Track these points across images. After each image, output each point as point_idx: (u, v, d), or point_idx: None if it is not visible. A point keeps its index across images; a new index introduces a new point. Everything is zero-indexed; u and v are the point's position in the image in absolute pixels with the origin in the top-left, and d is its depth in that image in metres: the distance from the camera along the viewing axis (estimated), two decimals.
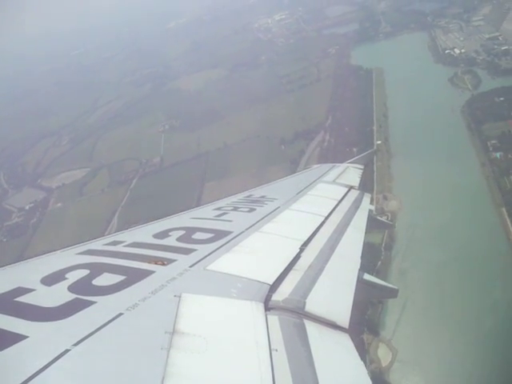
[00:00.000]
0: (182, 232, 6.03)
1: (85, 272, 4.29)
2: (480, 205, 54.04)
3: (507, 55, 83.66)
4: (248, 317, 3.61)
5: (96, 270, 4.36)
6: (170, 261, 4.71)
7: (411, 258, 50.33)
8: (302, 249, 5.42)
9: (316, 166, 15.18)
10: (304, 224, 6.72)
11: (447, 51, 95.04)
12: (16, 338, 2.89)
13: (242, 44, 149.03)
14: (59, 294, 3.71)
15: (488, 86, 77.08)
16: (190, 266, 4.57)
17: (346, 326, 3.89)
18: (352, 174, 11.62)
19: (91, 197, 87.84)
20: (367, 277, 5.98)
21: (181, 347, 2.97)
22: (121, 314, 3.30)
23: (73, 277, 4.15)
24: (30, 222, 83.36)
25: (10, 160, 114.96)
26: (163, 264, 4.58)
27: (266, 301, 3.95)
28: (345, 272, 5.21)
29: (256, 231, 6.06)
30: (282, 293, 4.23)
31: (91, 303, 3.51)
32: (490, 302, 41.93)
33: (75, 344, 2.83)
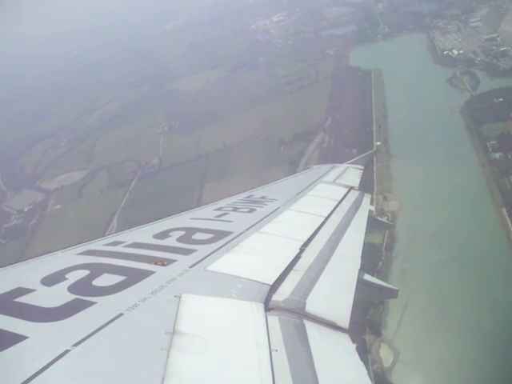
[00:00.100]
0: (182, 232, 6.01)
1: (85, 272, 4.29)
2: (480, 205, 54.22)
3: (505, 56, 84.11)
4: (248, 317, 3.62)
5: (96, 270, 4.36)
6: (170, 261, 4.71)
7: (412, 259, 50.44)
8: (302, 249, 5.42)
9: (316, 166, 15.15)
10: (304, 224, 6.71)
11: (445, 52, 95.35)
12: (16, 339, 2.89)
13: (240, 45, 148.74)
14: (59, 295, 3.71)
15: (487, 86, 77.34)
16: (190, 267, 4.56)
17: (346, 327, 3.90)
18: (352, 174, 11.60)
19: (90, 198, 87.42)
20: (367, 277, 5.99)
21: (181, 347, 2.98)
22: (121, 315, 3.30)
23: (73, 277, 4.15)
24: (29, 224, 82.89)
25: (8, 161, 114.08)
26: (163, 264, 4.58)
27: (266, 301, 3.95)
28: (345, 272, 5.21)
29: (256, 232, 6.05)
30: (282, 293, 4.22)
31: (91, 304, 3.52)
32: (491, 302, 42.10)
33: (75, 344, 2.84)
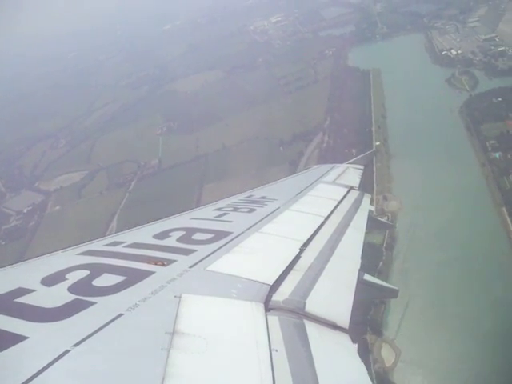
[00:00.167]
0: (182, 233, 6.01)
1: (85, 273, 4.30)
2: (480, 204, 54.26)
3: (504, 56, 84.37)
4: (248, 317, 3.63)
5: (96, 270, 4.37)
6: (170, 261, 4.71)
7: (412, 258, 50.41)
8: (302, 249, 5.43)
9: (316, 166, 15.16)
10: (304, 224, 6.71)
11: (444, 52, 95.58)
12: (16, 339, 2.90)
13: (238, 46, 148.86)
14: (59, 295, 3.72)
15: (485, 86, 77.51)
16: (190, 267, 4.57)
17: (346, 327, 3.91)
18: (352, 174, 11.60)
19: (90, 199, 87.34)
20: (367, 277, 5.99)
21: (181, 347, 2.99)
22: (121, 315, 3.31)
23: (73, 277, 4.15)
24: (29, 225, 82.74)
25: (6, 163, 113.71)
26: (163, 265, 4.59)
27: (266, 301, 3.96)
28: (345, 272, 5.22)
29: (256, 232, 6.05)
30: (282, 293, 4.23)
31: (91, 304, 3.52)
32: (491, 302, 42.07)
33: (75, 345, 2.85)
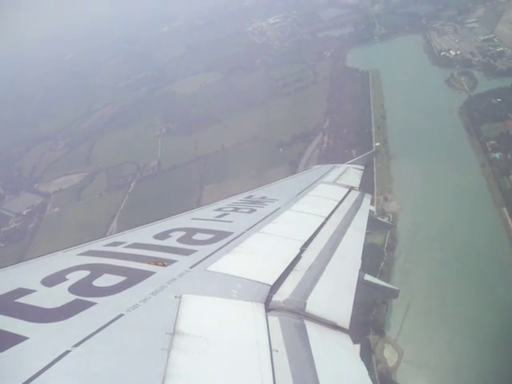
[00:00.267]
0: (183, 233, 5.98)
1: (85, 273, 4.27)
2: (481, 205, 54.46)
3: (502, 57, 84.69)
4: (249, 317, 3.62)
5: (96, 270, 4.35)
6: (171, 262, 4.69)
7: (414, 259, 50.50)
8: (302, 249, 5.40)
9: (316, 166, 15.17)
10: (304, 225, 6.69)
11: (443, 53, 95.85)
12: (16, 339, 2.89)
13: (236, 47, 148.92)
14: (60, 295, 3.70)
15: (484, 87, 77.72)
16: (191, 267, 4.55)
17: (347, 327, 3.90)
18: (352, 174, 11.60)
19: (89, 201, 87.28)
20: (368, 277, 5.99)
21: (181, 348, 2.98)
22: (121, 315, 3.30)
23: (73, 278, 4.13)
24: (28, 228, 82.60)
25: (5, 164, 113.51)
26: (163, 265, 4.57)
27: (267, 301, 3.95)
28: (345, 273, 5.20)
29: (256, 232, 6.03)
30: (283, 293, 4.21)
31: (92, 304, 3.51)
32: (493, 301, 42.21)
33: (76, 345, 2.83)
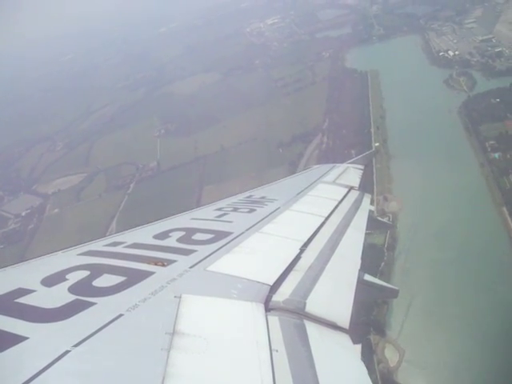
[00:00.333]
0: (182, 233, 5.97)
1: (85, 273, 4.26)
2: (480, 204, 54.53)
3: (501, 57, 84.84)
4: (248, 317, 3.62)
5: (96, 271, 4.34)
6: (170, 262, 4.67)
7: (414, 259, 50.53)
8: (302, 249, 5.39)
9: (316, 166, 15.20)
10: (304, 225, 6.68)
11: (441, 53, 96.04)
12: (16, 339, 2.88)
13: (235, 48, 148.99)
14: (59, 295, 3.69)
15: (483, 87, 77.85)
16: (190, 267, 4.54)
17: (347, 327, 3.90)
18: (352, 174, 11.59)
19: (88, 202, 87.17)
20: (367, 277, 5.97)
21: (181, 348, 2.98)
22: (121, 315, 3.30)
23: (73, 278, 4.12)
24: (27, 229, 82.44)
25: (4, 166, 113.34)
26: (163, 265, 4.56)
27: (267, 301, 3.95)
28: (345, 273, 5.20)
29: (256, 232, 6.02)
30: (283, 293, 4.21)
31: (91, 304, 3.50)
32: (494, 301, 42.23)
33: (75, 345, 2.83)
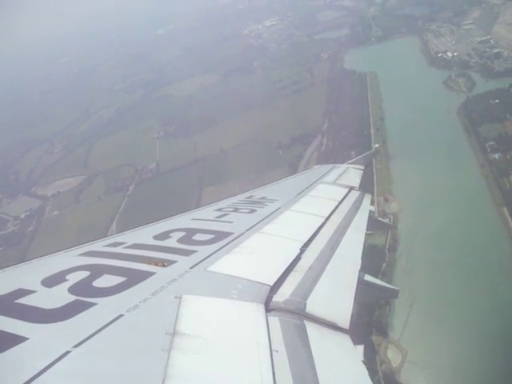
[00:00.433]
0: (183, 233, 5.95)
1: (85, 273, 4.25)
2: (481, 205, 54.65)
3: (499, 58, 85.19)
4: (249, 318, 3.62)
5: (96, 271, 4.34)
6: (171, 262, 4.67)
7: (415, 259, 50.57)
8: (302, 250, 5.40)
9: (316, 166, 15.16)
10: (304, 225, 6.68)
11: (440, 55, 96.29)
12: (16, 340, 2.87)
13: (233, 49, 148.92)
14: (60, 296, 3.68)
15: (482, 88, 78.15)
16: (191, 268, 4.53)
17: (347, 327, 3.90)
18: (352, 174, 11.61)
19: (88, 204, 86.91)
20: (368, 278, 5.98)
21: (181, 348, 2.98)
22: (121, 316, 3.29)
23: (73, 278, 4.11)
24: (27, 231, 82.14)
25: (2, 168, 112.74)
26: (163, 265, 4.56)
27: (267, 302, 3.95)
28: (345, 273, 5.20)
29: (257, 232, 6.02)
30: (283, 294, 4.21)
31: (92, 305, 3.49)
32: (496, 301, 42.31)
33: (76, 345, 2.82)
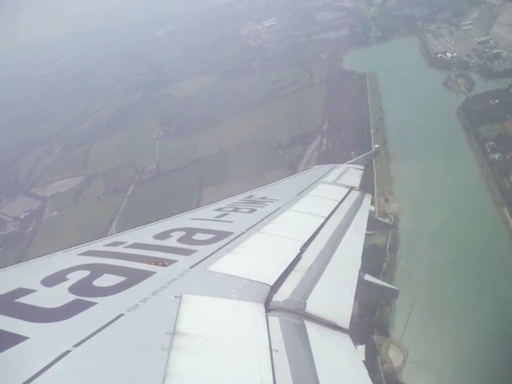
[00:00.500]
0: (183, 233, 5.99)
1: (85, 273, 4.26)
2: (481, 205, 54.68)
3: (499, 58, 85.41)
4: (249, 318, 3.63)
5: (96, 270, 4.34)
6: (171, 262, 4.69)
7: (416, 259, 50.56)
8: (302, 250, 5.43)
9: (317, 166, 15.21)
10: (305, 225, 6.70)
11: (439, 55, 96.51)
12: (16, 339, 2.88)
13: (232, 50, 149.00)
14: (60, 295, 3.69)
15: (482, 88, 78.28)
16: (191, 267, 4.54)
17: (347, 327, 3.91)
18: (353, 174, 11.64)
19: (87, 205, 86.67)
20: (368, 278, 5.99)
21: (181, 348, 2.99)
22: (121, 315, 3.30)
23: (73, 278, 4.12)
24: (26, 232, 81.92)
25: (1, 168, 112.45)
26: (164, 265, 4.57)
27: (267, 302, 3.96)
28: (345, 273, 5.22)
29: (257, 232, 6.04)
30: (283, 294, 4.23)
31: (92, 304, 3.51)
32: (496, 301, 42.31)
33: (76, 345, 2.83)
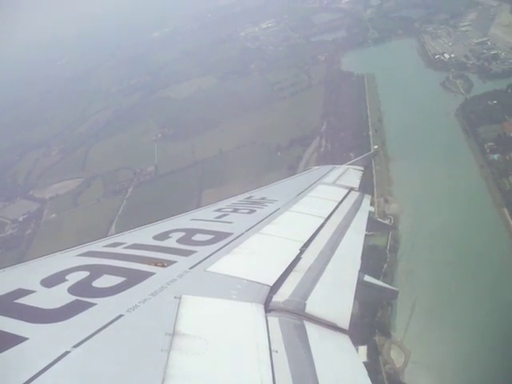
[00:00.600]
0: (182, 233, 6.00)
1: (85, 274, 4.27)
2: (481, 206, 54.79)
3: (497, 59, 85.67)
4: (248, 318, 3.63)
5: (96, 271, 4.35)
6: (170, 262, 4.70)
7: (417, 260, 50.64)
8: (302, 250, 5.45)
9: (316, 167, 15.28)
10: (304, 225, 6.74)
11: (437, 56, 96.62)
12: (16, 340, 2.88)
13: (230, 52, 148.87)
14: (59, 296, 3.69)
15: (480, 89, 78.41)
16: (190, 268, 4.55)
17: (347, 328, 3.92)
18: (352, 175, 11.68)
19: (86, 207, 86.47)
20: (367, 278, 6.02)
21: (181, 349, 3.00)
22: (121, 316, 3.31)
23: (73, 278, 4.13)
24: (25, 234, 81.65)
25: None
26: (163, 266, 4.57)
27: (267, 302, 3.97)
28: (345, 273, 5.23)
29: (256, 233, 6.07)
30: (283, 294, 4.24)
31: (91, 305, 3.51)
32: (497, 301, 42.40)
33: (75, 346, 2.84)
